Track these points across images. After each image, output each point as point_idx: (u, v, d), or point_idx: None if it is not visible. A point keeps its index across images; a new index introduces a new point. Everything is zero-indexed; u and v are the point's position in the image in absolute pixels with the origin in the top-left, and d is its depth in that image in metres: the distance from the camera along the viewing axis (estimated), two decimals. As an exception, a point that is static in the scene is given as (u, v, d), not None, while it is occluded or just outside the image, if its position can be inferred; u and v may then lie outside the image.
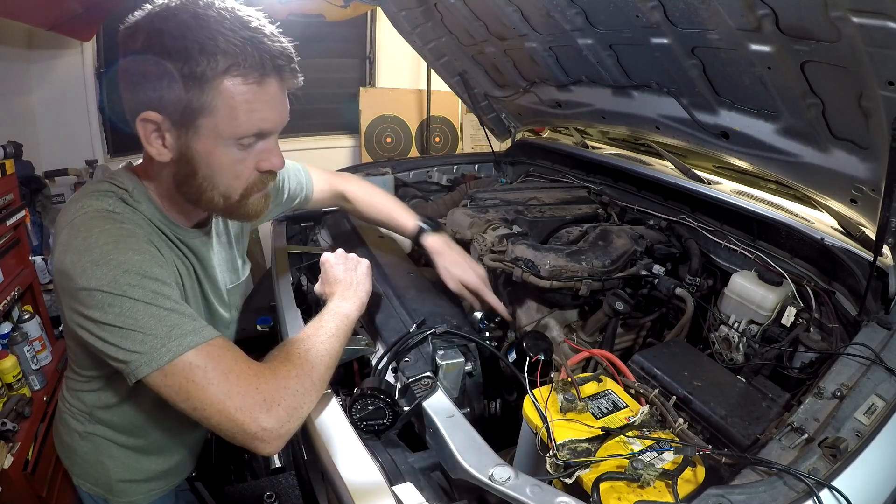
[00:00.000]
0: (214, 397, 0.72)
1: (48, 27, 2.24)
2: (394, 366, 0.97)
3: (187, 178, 0.82)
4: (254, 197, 0.87)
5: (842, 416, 0.78)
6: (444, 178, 2.24)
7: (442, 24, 1.91)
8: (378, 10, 2.61)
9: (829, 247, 1.18)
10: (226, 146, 0.79)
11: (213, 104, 0.75)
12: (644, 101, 1.56)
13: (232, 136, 0.78)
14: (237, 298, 1.11)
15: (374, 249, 1.45)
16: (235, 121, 0.77)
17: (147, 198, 0.86)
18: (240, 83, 0.75)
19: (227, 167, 0.81)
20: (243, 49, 0.73)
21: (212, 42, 0.72)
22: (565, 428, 0.78)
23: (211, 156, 0.79)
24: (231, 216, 0.92)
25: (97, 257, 0.73)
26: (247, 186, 0.85)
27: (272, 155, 0.84)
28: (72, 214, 0.78)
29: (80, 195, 0.83)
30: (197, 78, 0.73)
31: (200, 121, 0.76)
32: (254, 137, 0.81)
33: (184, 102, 0.74)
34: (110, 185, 0.84)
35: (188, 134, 0.77)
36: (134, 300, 0.72)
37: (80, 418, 0.98)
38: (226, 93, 0.74)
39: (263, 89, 0.77)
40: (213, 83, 0.73)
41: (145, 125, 0.77)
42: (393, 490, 0.71)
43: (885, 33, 0.80)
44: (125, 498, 1.03)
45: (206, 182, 0.82)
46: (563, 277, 1.28)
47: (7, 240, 1.77)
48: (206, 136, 0.77)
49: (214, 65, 0.72)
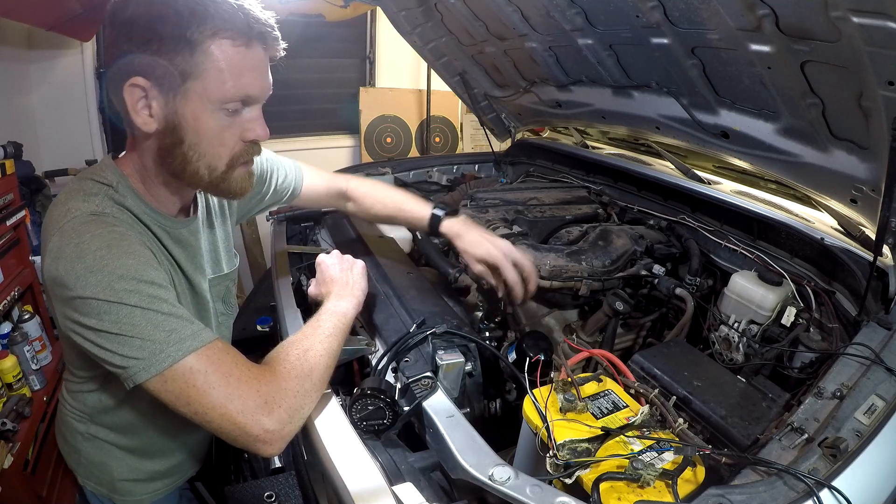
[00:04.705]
0: (216, 401, 0.72)
1: (48, 27, 2.24)
2: (394, 366, 0.97)
3: (172, 147, 0.81)
4: (238, 170, 0.87)
5: (842, 416, 0.77)
6: (444, 178, 2.24)
7: (442, 24, 1.91)
8: (378, 10, 2.61)
9: (829, 247, 1.18)
10: (213, 111, 0.79)
11: (202, 66, 0.75)
12: (644, 101, 1.56)
13: (220, 99, 0.78)
14: (221, 290, 1.09)
15: (373, 250, 1.45)
16: (223, 84, 0.77)
17: (132, 191, 0.85)
18: (228, 46, 0.76)
19: (213, 133, 0.81)
20: (232, 13, 0.75)
21: (201, 6, 0.74)
22: (565, 428, 0.78)
23: (198, 121, 0.79)
24: (216, 191, 0.91)
25: (91, 263, 0.72)
26: (232, 156, 0.85)
27: (257, 125, 0.85)
28: (60, 219, 0.77)
29: (65, 197, 0.81)
30: (186, 40, 0.74)
31: (189, 84, 0.76)
32: (240, 103, 0.81)
33: (172, 65, 0.74)
34: (94, 182, 0.82)
35: (175, 99, 0.77)
36: (131, 306, 0.72)
37: (82, 420, 0.98)
38: (214, 55, 0.75)
39: (251, 53, 0.79)
40: (202, 46, 0.74)
41: (132, 91, 0.76)
42: (393, 490, 0.71)
43: (885, 33, 0.80)
44: (129, 497, 1.03)
45: (192, 151, 0.81)
46: (563, 277, 1.28)
47: (7, 240, 1.77)
48: (193, 101, 0.77)
49: (203, 27, 0.74)
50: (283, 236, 1.60)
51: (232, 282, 1.13)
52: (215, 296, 1.07)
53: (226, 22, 0.75)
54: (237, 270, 1.14)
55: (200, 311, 1.01)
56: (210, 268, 1.04)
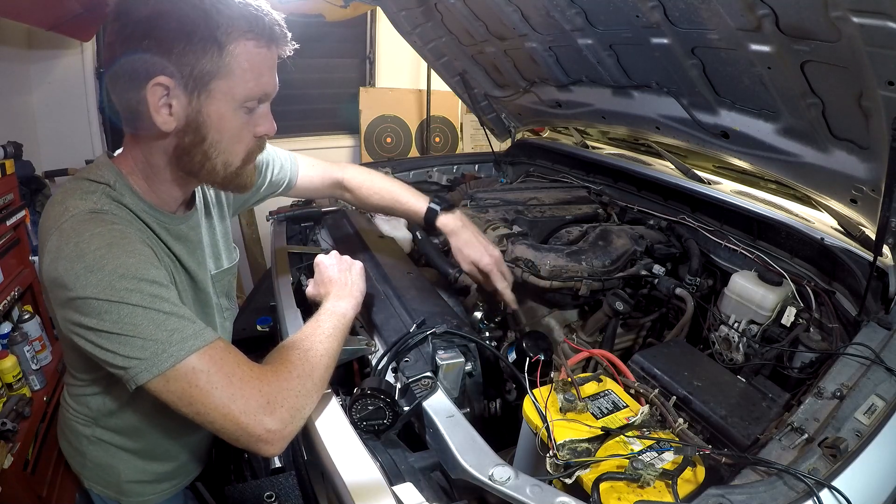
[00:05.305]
0: (219, 401, 0.72)
1: (48, 27, 2.24)
2: (394, 366, 0.97)
3: (192, 146, 0.81)
4: (250, 165, 0.89)
5: (842, 416, 0.77)
6: (444, 178, 2.24)
7: (442, 24, 1.91)
8: (378, 10, 2.60)
9: (829, 247, 1.18)
10: (235, 110, 0.81)
11: (229, 66, 0.77)
12: (644, 101, 1.56)
13: (245, 98, 0.80)
14: (224, 285, 1.10)
15: (374, 250, 1.45)
16: (248, 83, 0.79)
17: (129, 189, 0.85)
18: (253, 46, 0.78)
19: (235, 131, 0.83)
20: (256, 15, 0.77)
21: (227, 7, 0.75)
22: (565, 428, 0.78)
23: (223, 120, 0.80)
24: (227, 187, 0.91)
25: (91, 263, 0.71)
26: (247, 152, 0.86)
27: (267, 120, 0.87)
28: (58, 218, 0.76)
29: (61, 196, 0.80)
30: (216, 40, 0.75)
31: (214, 83, 0.77)
32: (257, 101, 0.83)
33: (199, 65, 0.75)
34: (90, 181, 0.82)
35: (200, 98, 0.78)
36: (132, 306, 0.71)
37: (86, 423, 0.97)
38: (241, 56, 0.77)
39: (270, 53, 0.81)
40: (230, 45, 0.76)
41: (156, 91, 0.76)
42: (393, 490, 0.71)
43: (885, 33, 0.80)
44: (137, 498, 1.03)
45: (213, 148, 0.82)
46: (563, 277, 1.28)
47: (7, 240, 1.77)
48: (219, 100, 0.78)
49: (232, 28, 0.75)
50: (283, 236, 1.60)
51: (233, 276, 1.13)
52: (219, 291, 1.07)
53: (251, 23, 0.77)
54: (237, 265, 1.14)
55: (204, 307, 1.00)
56: (212, 262, 1.04)
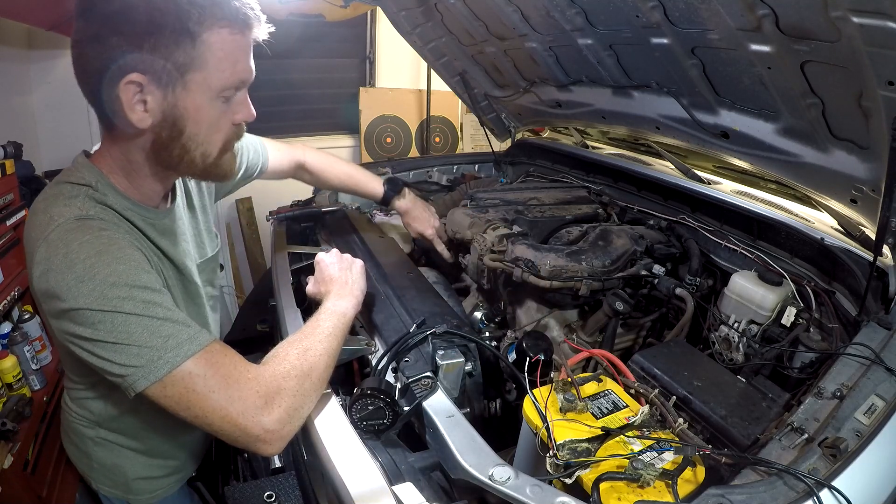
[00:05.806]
0: (217, 404, 0.72)
1: (48, 27, 2.24)
2: (394, 366, 0.97)
3: (170, 140, 0.80)
4: (228, 154, 0.88)
5: (842, 416, 0.77)
6: (444, 178, 2.24)
7: (442, 24, 1.91)
8: (378, 10, 2.60)
9: (829, 247, 1.18)
10: (212, 100, 0.79)
11: (203, 57, 0.75)
12: (644, 101, 1.56)
13: (222, 88, 0.78)
14: (209, 273, 1.09)
15: (373, 250, 1.45)
16: (224, 73, 0.77)
17: (112, 188, 0.84)
18: (227, 34, 0.76)
19: (213, 121, 0.81)
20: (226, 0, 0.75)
21: None
22: (565, 428, 0.78)
23: (200, 111, 0.78)
24: (207, 177, 0.91)
25: (81, 273, 0.70)
26: (225, 141, 0.85)
27: (245, 106, 0.85)
28: (44, 228, 0.75)
29: (44, 204, 0.79)
30: (188, 30, 0.73)
31: (189, 76, 0.75)
32: (234, 90, 0.81)
33: (172, 59, 0.73)
34: (71, 185, 0.81)
35: (175, 92, 0.76)
36: (125, 314, 0.71)
37: (90, 425, 0.97)
38: (216, 45, 0.75)
39: (244, 39, 0.79)
40: (202, 36, 0.74)
41: (128, 89, 0.74)
42: (393, 490, 0.71)
43: (885, 33, 0.80)
44: (145, 494, 1.03)
45: (191, 141, 0.81)
46: (563, 277, 1.28)
47: (7, 240, 1.77)
48: (195, 92, 0.77)
49: (203, 17, 0.73)
50: (283, 236, 1.60)
51: (217, 263, 1.14)
52: (205, 280, 1.06)
53: (223, 10, 0.74)
54: (220, 251, 1.15)
55: (193, 297, 1.00)
56: (196, 252, 1.04)
